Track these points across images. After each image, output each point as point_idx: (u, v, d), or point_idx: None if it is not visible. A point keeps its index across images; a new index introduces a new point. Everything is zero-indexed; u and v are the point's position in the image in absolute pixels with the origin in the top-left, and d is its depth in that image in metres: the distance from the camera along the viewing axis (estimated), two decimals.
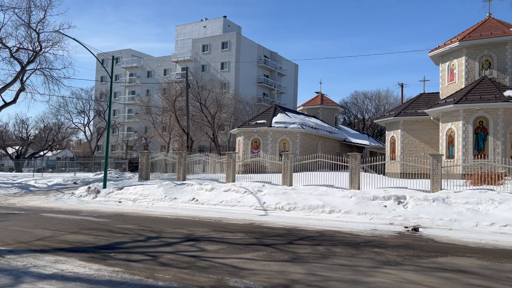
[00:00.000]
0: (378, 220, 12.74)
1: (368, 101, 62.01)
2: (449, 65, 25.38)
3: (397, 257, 7.67)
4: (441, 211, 12.75)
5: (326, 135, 32.08)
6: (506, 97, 20.69)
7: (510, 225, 11.11)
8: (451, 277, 6.36)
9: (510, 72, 23.05)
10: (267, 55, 65.28)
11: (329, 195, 15.60)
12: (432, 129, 24.96)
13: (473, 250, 8.47)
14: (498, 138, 20.69)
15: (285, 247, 8.52)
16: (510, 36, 22.84)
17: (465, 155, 21.30)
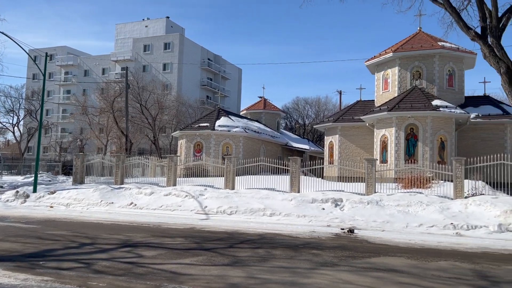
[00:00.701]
0: (317, 222, 13.11)
1: (308, 107, 63.77)
2: (384, 75, 26.80)
3: (334, 258, 7.93)
4: (375, 213, 13.39)
5: (268, 139, 32.53)
6: (434, 106, 22.22)
7: (436, 226, 11.91)
8: (383, 276, 6.68)
9: (438, 82, 24.80)
10: (211, 58, 65.04)
11: (270, 198, 15.80)
12: (368, 135, 26.16)
13: (403, 250, 8.97)
14: (427, 144, 22.14)
15: (226, 251, 8.50)
16: (438, 49, 24.59)
17: (397, 160, 22.56)
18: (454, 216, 12.60)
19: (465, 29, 13.12)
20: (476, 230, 11.50)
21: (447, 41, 25.41)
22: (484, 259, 8.15)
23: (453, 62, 25.26)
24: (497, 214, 12.17)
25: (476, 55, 25.13)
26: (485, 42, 12.76)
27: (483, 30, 12.92)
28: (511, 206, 12.35)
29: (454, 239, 10.60)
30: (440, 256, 8.38)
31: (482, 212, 12.60)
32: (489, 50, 12.62)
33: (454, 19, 13.45)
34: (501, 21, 12.77)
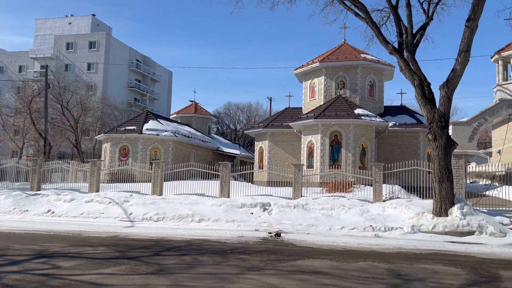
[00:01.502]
0: (245, 227, 13.20)
1: (240, 112, 64.29)
2: (311, 83, 27.84)
3: (260, 262, 8.02)
4: (300, 217, 13.80)
5: (199, 143, 32.22)
6: (356, 115, 23.50)
7: (357, 228, 12.56)
8: (307, 278, 6.88)
9: (360, 92, 26.29)
10: (140, 59, 63.10)
11: (199, 204, 15.63)
12: (296, 141, 26.96)
13: (326, 252, 9.33)
14: (350, 150, 23.33)
15: (151, 259, 8.23)
16: (360, 61, 26.10)
17: (323, 165, 23.50)
18: (373, 218, 13.38)
19: (384, 43, 14.06)
20: (392, 231, 12.30)
21: (369, 54, 27.06)
22: (399, 258, 8.73)
23: (374, 74, 26.95)
24: (411, 216, 13.13)
25: (394, 68, 27.02)
26: (401, 56, 13.77)
27: (400, 45, 13.94)
28: (423, 208, 13.39)
29: (372, 240, 11.24)
30: (360, 257, 8.83)
31: (398, 215, 13.51)
32: (405, 63, 13.63)
33: (375, 33, 14.35)
34: (416, 37, 13.87)
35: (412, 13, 13.71)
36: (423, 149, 25.34)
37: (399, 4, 14.06)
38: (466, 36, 12.83)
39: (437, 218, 12.57)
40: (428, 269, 7.65)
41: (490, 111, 17.44)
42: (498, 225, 12.06)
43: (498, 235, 11.62)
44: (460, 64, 13.01)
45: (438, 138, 12.98)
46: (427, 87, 13.40)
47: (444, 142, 12.97)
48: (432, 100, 13.31)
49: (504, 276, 7.27)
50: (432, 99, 13.33)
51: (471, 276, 7.26)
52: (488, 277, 7.16)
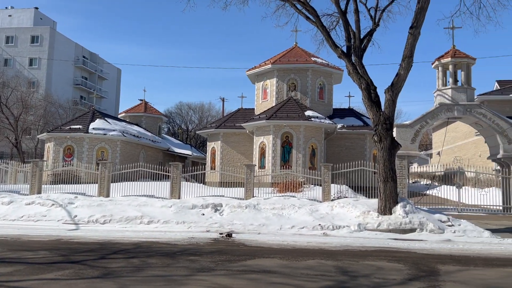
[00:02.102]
0: (196, 228, 13.06)
1: (192, 112, 63.56)
2: (263, 85, 28.10)
3: (211, 263, 7.97)
4: (252, 217, 13.87)
5: (149, 144, 31.48)
6: (306, 116, 24.00)
7: (306, 227, 12.81)
8: (257, 278, 6.92)
9: (310, 95, 26.88)
10: (86, 55, 60.68)
11: (148, 206, 15.26)
12: (248, 142, 27.09)
13: (276, 251, 9.43)
14: (300, 151, 23.78)
15: (96, 262, 7.92)
16: (311, 64, 26.70)
17: (274, 166, 23.78)
18: (322, 217, 13.71)
19: (333, 47, 14.46)
20: (340, 230, 12.67)
21: (319, 57, 27.75)
22: (346, 256, 9.00)
23: (324, 77, 27.68)
24: (357, 215, 13.59)
25: (343, 72, 27.89)
26: (349, 60, 14.23)
27: (348, 49, 14.40)
28: (369, 207, 13.90)
29: (321, 238, 11.51)
30: (309, 255, 9.01)
31: (345, 213, 13.94)
32: (353, 67, 14.11)
33: (325, 37, 14.73)
34: (363, 42, 14.39)
35: (360, 19, 14.22)
36: (369, 150, 26.34)
37: (347, 10, 14.53)
38: (410, 42, 13.49)
39: (382, 217, 13.10)
40: (373, 266, 7.95)
41: (430, 115, 18.45)
42: (437, 222, 12.77)
43: (437, 232, 12.31)
44: (404, 69, 13.65)
45: (383, 140, 13.54)
46: (373, 90, 13.94)
47: (389, 143, 13.55)
48: (378, 103, 13.86)
49: (442, 270, 7.71)
50: (378, 102, 13.88)
51: (413, 271, 7.64)
52: (427, 272, 7.56)
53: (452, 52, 18.69)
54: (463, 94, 18.24)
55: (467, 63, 18.56)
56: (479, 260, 8.73)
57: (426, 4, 13.18)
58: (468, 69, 18.64)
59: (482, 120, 18.01)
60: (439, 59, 19.00)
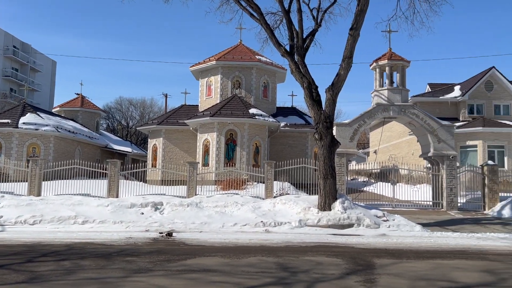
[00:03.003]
0: (135, 227, 12.59)
1: (133, 108, 61.48)
2: (208, 81, 27.79)
3: (149, 263, 7.67)
4: (194, 215, 13.62)
5: (85, 140, 29.99)
6: (251, 114, 24.06)
7: (249, 224, 12.80)
8: (196, 277, 6.75)
9: (255, 93, 26.98)
10: (18, 45, 56.62)
11: (83, 205, 14.50)
12: (191, 139, 26.66)
13: (218, 250, 9.31)
14: (244, 149, 23.79)
15: (23, 266, 7.34)
16: (255, 62, 26.79)
17: (218, 163, 23.60)
18: (264, 214, 13.78)
19: (277, 46, 14.57)
20: (281, 226, 12.79)
21: (263, 56, 27.92)
22: (287, 252, 9.08)
23: (268, 75, 27.90)
24: (299, 211, 13.81)
25: (286, 71, 28.27)
26: (292, 59, 14.40)
27: (291, 48, 14.57)
28: (309, 204, 14.18)
29: (263, 235, 11.54)
30: (251, 252, 8.98)
31: (286, 210, 14.11)
32: (296, 66, 14.29)
33: (268, 35, 14.79)
34: (306, 41, 14.63)
35: (303, 19, 14.43)
36: (311, 148, 26.95)
37: (291, 9, 14.69)
38: (349, 43, 13.91)
39: (322, 213, 13.41)
40: (313, 261, 8.08)
41: (368, 114, 19.20)
42: (373, 217, 13.30)
43: (373, 227, 12.81)
44: (343, 69, 14.06)
45: (324, 138, 13.86)
46: (315, 89, 14.22)
47: (329, 141, 13.90)
48: (319, 102, 14.16)
49: (377, 264, 8.00)
50: (319, 101, 14.19)
51: (350, 265, 7.85)
52: (364, 266, 7.81)
53: (389, 55, 19.57)
54: (398, 95, 19.17)
55: (402, 66, 19.52)
56: (411, 253, 9.17)
57: (365, 7, 13.65)
58: (403, 71, 19.62)
59: (415, 120, 19.03)
60: (376, 61, 19.82)
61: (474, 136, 24.98)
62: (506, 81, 27.65)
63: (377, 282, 6.57)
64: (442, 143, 18.76)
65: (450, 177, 18.51)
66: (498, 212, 17.05)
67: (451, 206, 18.21)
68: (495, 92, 27.80)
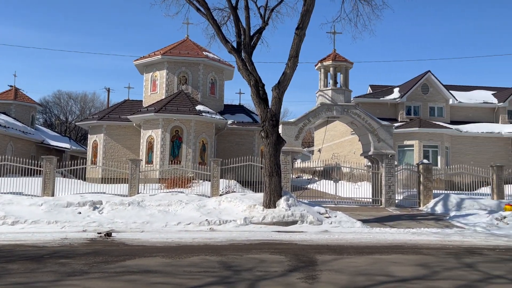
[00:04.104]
0: (71, 228, 11.92)
1: (73, 102, 58.54)
2: (153, 76, 27.03)
3: (85, 265, 7.26)
4: (135, 214, 13.16)
5: (18, 135, 28.07)
6: (197, 111, 23.71)
7: (193, 223, 12.57)
8: (136, 279, 6.47)
9: (202, 89, 26.64)
10: None
11: (14, 204, 13.53)
12: (135, 135, 25.83)
13: (159, 250, 9.02)
14: (190, 146, 23.41)
15: None
16: (202, 58, 26.43)
17: (162, 161, 23.03)
18: (209, 212, 13.60)
19: (224, 42, 14.41)
20: (226, 224, 12.68)
21: (210, 52, 27.62)
22: (231, 250, 8.99)
23: (215, 72, 27.66)
24: (244, 209, 13.78)
25: (234, 68, 28.17)
26: (239, 56, 14.31)
27: (238, 45, 14.48)
28: (255, 201, 14.19)
29: (207, 234, 11.37)
30: (194, 251, 8.79)
31: (232, 208, 14.03)
32: (243, 63, 14.22)
33: (215, 31, 14.60)
34: (253, 39, 14.60)
35: (250, 16, 14.37)
36: (258, 146, 27.09)
37: (238, 6, 14.58)
38: (296, 43, 14.07)
39: (267, 210, 13.47)
40: (257, 259, 8.05)
41: (313, 114, 19.59)
42: (316, 214, 13.57)
43: (316, 223, 13.07)
44: (290, 68, 14.19)
45: (270, 136, 13.93)
46: (261, 87, 14.24)
47: (275, 139, 13.98)
48: (265, 100, 14.20)
49: (319, 260, 8.13)
50: (266, 99, 14.22)
51: (293, 262, 7.91)
52: (306, 262, 7.90)
53: (333, 56, 20.07)
54: (341, 95, 19.72)
55: (345, 67, 20.11)
56: (351, 249, 9.43)
57: (311, 7, 13.86)
58: (346, 72, 20.21)
59: (357, 120, 19.69)
60: (321, 62, 20.25)
61: (411, 136, 26.33)
62: (440, 84, 29.39)
63: (319, 279, 6.65)
64: (381, 142, 19.56)
65: (388, 175, 19.34)
66: (432, 208, 18.07)
67: (389, 203, 19.04)
68: (431, 94, 29.49)
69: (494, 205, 17.18)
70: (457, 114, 29.75)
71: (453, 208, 17.28)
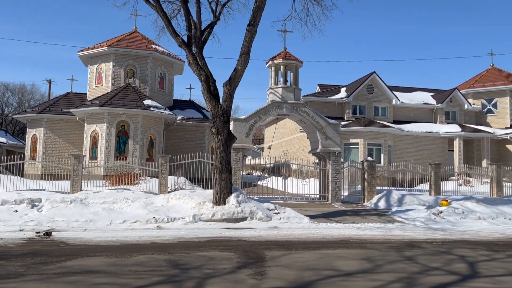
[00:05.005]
0: (6, 227, 11.16)
1: (10, 94, 54.82)
2: (98, 68, 25.93)
3: (21, 267, 6.80)
4: (77, 212, 12.57)
5: None
6: (145, 106, 23.05)
7: (139, 221, 12.21)
8: (77, 280, 6.15)
9: (150, 83, 25.94)
10: None
11: None
12: (78, 130, 24.70)
13: (104, 249, 8.66)
14: (137, 142, 22.73)
15: None
16: (151, 51, 25.73)
17: (108, 157, 22.19)
18: (157, 210, 13.28)
19: (174, 35, 14.09)
20: (175, 222, 12.45)
21: (160, 45, 26.96)
22: (179, 248, 8.81)
23: (165, 66, 27.04)
24: (193, 206, 13.58)
25: (184, 63, 27.70)
26: (190, 50, 14.06)
27: (189, 39, 14.22)
28: (204, 198, 14.04)
29: (155, 232, 11.09)
30: (140, 250, 8.53)
31: (181, 205, 13.79)
32: (193, 58, 13.99)
33: (165, 24, 14.23)
34: (204, 34, 14.39)
35: (201, 10, 14.17)
36: (208, 142, 26.85)
37: None
38: (247, 39, 14.05)
39: (216, 207, 13.38)
40: (205, 256, 7.95)
41: (263, 111, 19.70)
42: (265, 210, 13.67)
43: (265, 219, 13.16)
44: (241, 65, 14.16)
45: (221, 132, 13.82)
46: (212, 83, 14.09)
47: (226, 136, 13.90)
48: (216, 96, 14.07)
49: (268, 256, 8.17)
50: (217, 95, 14.10)
51: (242, 259, 7.89)
52: (255, 258, 7.91)
53: (284, 54, 20.29)
54: (291, 94, 19.99)
55: (295, 65, 20.39)
56: (299, 244, 9.58)
57: (262, 4, 13.89)
58: (296, 71, 20.50)
59: (306, 118, 20.06)
60: (272, 59, 20.41)
61: (356, 134, 27.25)
62: (384, 85, 30.65)
63: (267, 275, 6.68)
64: (329, 140, 20.07)
65: (335, 172, 19.90)
66: (375, 204, 18.82)
67: (335, 199, 19.59)
68: (375, 95, 30.68)
69: (432, 200, 18.19)
70: (400, 114, 31.19)
71: (395, 204, 18.10)
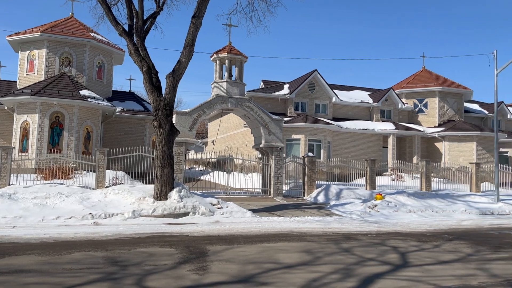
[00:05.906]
0: None
1: None
2: (30, 55, 24.29)
3: None
4: (5, 208, 11.71)
5: None
6: (82, 96, 21.93)
7: (75, 217, 11.63)
8: (6, 280, 5.74)
9: (87, 73, 24.72)
10: None
11: None
12: (6, 120, 23.00)
13: (35, 247, 8.15)
14: (73, 134, 21.59)
15: None
16: (89, 39, 24.51)
17: (40, 149, 20.90)
18: (94, 205, 12.72)
19: (114, 24, 13.51)
20: (113, 218, 12.00)
21: (99, 33, 25.76)
22: (117, 245, 8.51)
23: (104, 55, 25.89)
24: (132, 201, 13.17)
25: (125, 53, 26.70)
26: (131, 39, 13.55)
27: (130, 28, 13.70)
28: (145, 193, 13.66)
29: (91, 228, 10.62)
30: (75, 247, 8.13)
31: (119, 200, 13.31)
32: (134, 48, 13.50)
33: (105, 11, 13.60)
34: (146, 23, 13.93)
35: None
36: (149, 136, 26.14)
37: None
38: (191, 31, 13.80)
39: (157, 202, 13.08)
40: (145, 252, 7.75)
41: (207, 105, 19.52)
42: (208, 205, 13.58)
43: (208, 214, 13.08)
44: (185, 57, 13.89)
45: (163, 125, 13.50)
46: (155, 74, 13.70)
47: (168, 129, 13.60)
48: (159, 88, 13.71)
49: (211, 251, 8.14)
50: (159, 87, 13.74)
51: (184, 254, 7.79)
52: (197, 253, 7.85)
53: (228, 48, 20.20)
54: (236, 88, 19.98)
55: (240, 60, 20.39)
56: (242, 238, 9.64)
57: None
58: (241, 65, 20.51)
59: (250, 113, 20.16)
60: (217, 53, 20.25)
61: (298, 130, 27.86)
62: (325, 83, 31.58)
63: (210, 269, 6.65)
64: (272, 135, 20.35)
65: (277, 166, 20.22)
66: (315, 198, 19.40)
67: (277, 193, 19.93)
68: (317, 92, 31.53)
69: (367, 194, 19.08)
70: (339, 112, 32.32)
71: (333, 198, 18.77)
